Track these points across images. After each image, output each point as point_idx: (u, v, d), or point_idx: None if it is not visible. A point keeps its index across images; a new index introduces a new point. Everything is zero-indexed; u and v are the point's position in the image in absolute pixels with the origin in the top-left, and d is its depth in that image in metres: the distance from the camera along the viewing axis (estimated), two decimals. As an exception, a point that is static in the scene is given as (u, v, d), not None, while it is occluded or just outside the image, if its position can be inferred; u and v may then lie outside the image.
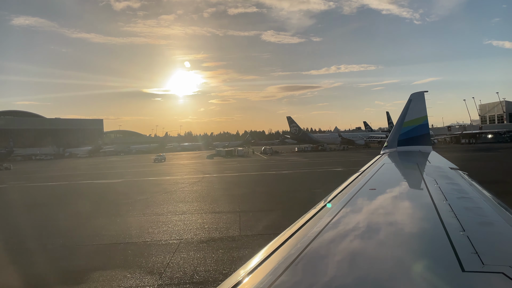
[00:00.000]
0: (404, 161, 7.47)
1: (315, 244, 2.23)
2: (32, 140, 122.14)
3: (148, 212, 19.29)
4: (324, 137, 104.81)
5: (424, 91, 8.88)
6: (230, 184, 31.06)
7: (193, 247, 12.74)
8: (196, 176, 38.91)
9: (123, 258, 11.81)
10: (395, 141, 8.62)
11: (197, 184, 31.20)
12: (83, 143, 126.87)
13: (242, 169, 47.35)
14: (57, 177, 45.52)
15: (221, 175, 38.49)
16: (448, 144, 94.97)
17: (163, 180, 36.75)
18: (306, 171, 40.13)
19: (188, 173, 44.09)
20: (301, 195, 22.02)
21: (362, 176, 4.96)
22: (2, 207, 24.26)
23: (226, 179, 34.46)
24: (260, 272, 1.92)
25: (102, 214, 18.99)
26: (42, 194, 29.78)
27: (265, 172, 41.46)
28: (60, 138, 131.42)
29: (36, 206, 23.14)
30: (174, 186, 30.22)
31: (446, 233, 2.28)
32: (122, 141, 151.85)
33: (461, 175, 4.99)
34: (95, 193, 28.77)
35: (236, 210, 18.91)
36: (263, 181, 32.70)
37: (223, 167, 50.50)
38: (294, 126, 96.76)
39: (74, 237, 14.70)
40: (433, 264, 1.89)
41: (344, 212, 3.00)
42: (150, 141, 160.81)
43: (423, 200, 3.41)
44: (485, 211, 3.02)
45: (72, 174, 48.83)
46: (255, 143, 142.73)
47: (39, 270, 11.23)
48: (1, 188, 36.73)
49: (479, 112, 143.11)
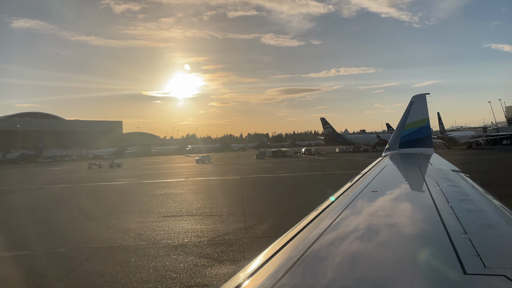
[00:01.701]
0: (406, 163, 7.45)
1: (316, 247, 2.22)
2: (54, 142, 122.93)
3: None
4: (357, 138, 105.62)
5: (426, 94, 8.87)
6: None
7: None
8: (313, 173, 39.84)
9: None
10: (397, 143, 8.60)
11: (328, 179, 31.41)
12: (102, 145, 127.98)
13: (319, 168, 47.05)
14: (181, 173, 48.26)
15: (321, 173, 38.90)
16: (488, 145, 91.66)
17: (286, 177, 36.65)
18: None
19: (295, 171, 44.23)
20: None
21: (364, 178, 4.95)
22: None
23: (337, 176, 34.02)
24: (261, 275, 1.91)
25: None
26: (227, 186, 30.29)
27: (350, 171, 41.09)
28: (79, 139, 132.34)
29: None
30: (329, 181, 30.36)
31: (448, 235, 2.27)
32: (139, 143, 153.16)
33: (463, 177, 4.98)
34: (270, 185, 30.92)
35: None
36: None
37: (298, 165, 51.99)
38: (328, 127, 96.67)
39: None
40: (435, 266, 1.88)
41: (346, 214, 2.99)
42: (167, 143, 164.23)
43: (425, 202, 3.40)
44: (487, 214, 3.01)
45: (194, 171, 49.89)
46: (269, 145, 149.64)
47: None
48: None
49: (505, 114, 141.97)
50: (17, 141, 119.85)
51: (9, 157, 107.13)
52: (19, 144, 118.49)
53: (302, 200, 20.67)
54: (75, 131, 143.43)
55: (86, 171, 59.19)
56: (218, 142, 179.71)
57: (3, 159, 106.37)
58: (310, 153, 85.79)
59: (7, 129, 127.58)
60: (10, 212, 22.58)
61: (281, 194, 24.78)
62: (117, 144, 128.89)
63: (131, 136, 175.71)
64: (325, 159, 66.07)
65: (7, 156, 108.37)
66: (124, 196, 27.70)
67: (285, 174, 40.22)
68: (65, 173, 56.84)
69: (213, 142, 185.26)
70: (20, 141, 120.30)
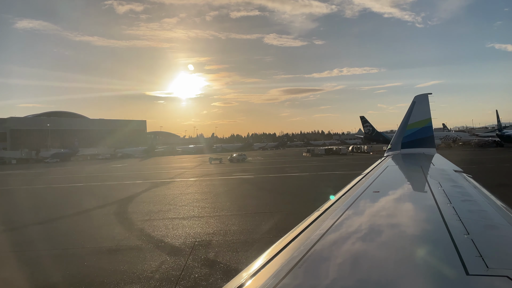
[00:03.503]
0: (408, 164, 7.44)
1: (318, 247, 2.23)
2: (82, 141, 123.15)
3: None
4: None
5: (428, 93, 8.86)
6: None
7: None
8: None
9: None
10: (399, 144, 8.59)
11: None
12: (128, 144, 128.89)
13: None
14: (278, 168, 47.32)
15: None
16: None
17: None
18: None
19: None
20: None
21: (366, 178, 4.95)
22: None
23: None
24: (263, 275, 1.92)
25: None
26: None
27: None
28: (106, 138, 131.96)
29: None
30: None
31: (450, 236, 2.27)
32: (162, 142, 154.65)
33: (466, 178, 4.96)
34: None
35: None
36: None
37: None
38: (368, 126, 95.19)
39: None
40: (437, 267, 1.87)
41: (348, 214, 2.99)
42: (188, 142, 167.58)
43: (427, 202, 3.39)
44: (489, 214, 3.00)
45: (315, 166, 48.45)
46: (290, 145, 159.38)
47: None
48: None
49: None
50: (47, 140, 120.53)
51: (43, 155, 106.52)
52: (49, 143, 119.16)
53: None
54: (100, 130, 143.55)
55: (220, 166, 55.91)
56: (225, 142, 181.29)
57: (36, 157, 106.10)
58: (362, 151, 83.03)
59: (35, 128, 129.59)
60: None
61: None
62: (141, 143, 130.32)
63: (152, 135, 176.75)
64: (382, 156, 64.11)
65: (40, 154, 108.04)
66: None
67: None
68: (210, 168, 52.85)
69: (222, 141, 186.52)
70: (50, 140, 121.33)
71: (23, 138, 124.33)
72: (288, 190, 26.53)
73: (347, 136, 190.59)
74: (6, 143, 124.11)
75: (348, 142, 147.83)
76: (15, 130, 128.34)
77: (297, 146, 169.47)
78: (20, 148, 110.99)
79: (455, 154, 49.39)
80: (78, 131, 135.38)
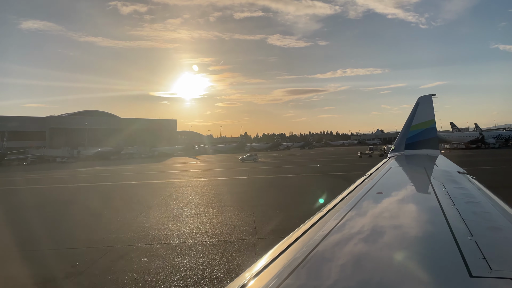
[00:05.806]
0: (411, 165, 7.41)
1: (321, 248, 2.22)
2: (115, 140, 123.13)
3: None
4: (450, 136, 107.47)
5: (432, 95, 8.82)
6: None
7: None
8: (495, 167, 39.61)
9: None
10: (402, 145, 8.55)
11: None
12: (159, 143, 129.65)
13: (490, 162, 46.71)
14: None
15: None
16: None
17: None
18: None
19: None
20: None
21: (369, 179, 4.94)
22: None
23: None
24: (266, 275, 1.92)
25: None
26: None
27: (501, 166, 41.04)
28: (138, 137, 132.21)
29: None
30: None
31: (454, 237, 2.26)
32: (189, 141, 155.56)
33: (469, 179, 4.94)
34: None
35: None
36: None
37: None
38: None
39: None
40: (441, 269, 1.87)
41: (350, 215, 2.99)
42: (218, 141, 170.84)
43: (431, 204, 3.38)
44: (493, 216, 2.98)
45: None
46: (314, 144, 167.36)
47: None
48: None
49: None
50: (85, 138, 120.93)
51: (85, 153, 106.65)
52: (87, 141, 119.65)
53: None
54: (132, 129, 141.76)
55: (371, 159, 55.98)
56: (234, 142, 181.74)
57: (78, 156, 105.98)
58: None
59: (71, 127, 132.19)
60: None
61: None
62: (172, 142, 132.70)
63: (181, 135, 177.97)
64: (464, 154, 66.47)
65: (82, 153, 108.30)
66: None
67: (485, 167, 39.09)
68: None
69: (228, 142, 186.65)
70: (87, 139, 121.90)
71: (62, 136, 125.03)
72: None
73: (365, 136, 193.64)
74: (45, 142, 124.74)
75: (367, 142, 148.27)
76: (54, 129, 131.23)
77: (322, 146, 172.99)
78: (61, 146, 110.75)
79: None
80: (112, 130, 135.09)
